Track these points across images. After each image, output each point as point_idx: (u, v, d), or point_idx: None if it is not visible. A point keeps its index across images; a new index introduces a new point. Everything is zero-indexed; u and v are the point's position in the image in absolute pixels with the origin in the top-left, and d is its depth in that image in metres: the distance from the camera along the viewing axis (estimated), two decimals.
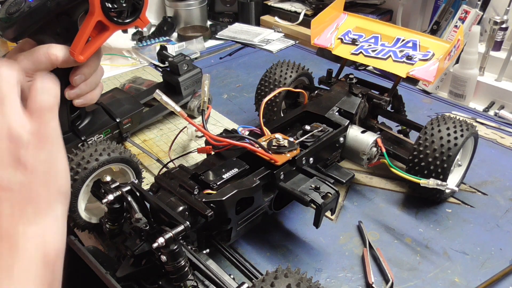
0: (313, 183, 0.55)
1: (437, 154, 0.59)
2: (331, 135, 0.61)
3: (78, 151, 0.53)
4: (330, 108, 0.66)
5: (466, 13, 0.98)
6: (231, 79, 1.05)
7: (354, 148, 0.64)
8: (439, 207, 0.65)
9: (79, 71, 0.52)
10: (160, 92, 0.51)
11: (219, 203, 0.48)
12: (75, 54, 0.49)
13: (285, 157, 0.55)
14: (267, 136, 0.59)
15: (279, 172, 0.54)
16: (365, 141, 0.63)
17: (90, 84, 0.55)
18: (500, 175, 0.71)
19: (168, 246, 0.40)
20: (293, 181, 0.56)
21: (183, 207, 0.47)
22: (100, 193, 0.50)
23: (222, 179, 0.51)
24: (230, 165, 0.54)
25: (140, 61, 1.13)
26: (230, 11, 1.41)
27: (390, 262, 0.56)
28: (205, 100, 0.57)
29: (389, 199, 0.67)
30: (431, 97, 0.96)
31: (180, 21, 1.31)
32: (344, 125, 0.63)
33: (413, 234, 0.61)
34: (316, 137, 0.60)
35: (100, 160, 0.52)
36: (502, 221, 0.63)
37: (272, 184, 0.55)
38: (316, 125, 0.63)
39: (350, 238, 0.60)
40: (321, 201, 0.52)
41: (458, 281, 0.54)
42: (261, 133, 0.60)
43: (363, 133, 0.64)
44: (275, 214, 0.62)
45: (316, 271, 0.56)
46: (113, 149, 0.55)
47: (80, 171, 0.51)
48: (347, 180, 0.61)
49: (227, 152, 0.57)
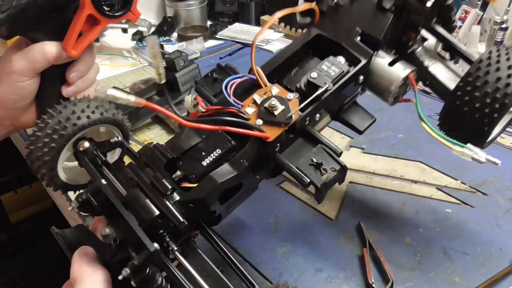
0: (316, 156, 0.43)
1: (489, 96, 0.43)
2: (347, 79, 0.47)
3: (68, 103, 0.47)
4: (350, 31, 0.49)
5: (466, 13, 0.99)
6: None
7: (378, 83, 0.50)
8: (439, 207, 0.65)
9: (74, 68, 0.52)
10: (102, 88, 0.37)
11: (199, 201, 0.41)
12: (67, 49, 0.49)
13: (278, 130, 0.43)
14: (263, 89, 0.46)
15: (274, 145, 0.44)
16: (394, 76, 0.48)
17: (87, 81, 0.55)
18: (500, 175, 0.71)
19: (135, 275, 0.35)
20: (292, 149, 0.45)
21: (154, 216, 0.38)
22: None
23: (201, 167, 0.42)
24: (211, 143, 0.44)
25: (140, 61, 1.13)
26: (230, 11, 1.41)
27: (390, 262, 0.56)
28: (160, 72, 0.44)
29: (389, 199, 0.67)
30: (431, 97, 0.96)
31: (180, 21, 1.31)
32: (365, 62, 0.48)
33: (413, 234, 0.61)
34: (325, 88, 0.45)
35: (92, 119, 0.46)
36: (502, 221, 0.63)
37: (265, 157, 0.45)
38: (330, 61, 0.47)
39: (350, 238, 0.60)
40: (321, 182, 0.42)
41: (458, 281, 0.54)
42: (257, 82, 0.47)
43: (391, 65, 0.49)
44: (275, 214, 0.62)
45: (316, 271, 0.56)
46: (106, 108, 0.48)
47: (68, 127, 0.45)
48: (365, 127, 0.50)
49: (212, 122, 0.45)
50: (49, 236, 0.43)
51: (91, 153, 0.45)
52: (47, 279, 1.13)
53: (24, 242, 1.39)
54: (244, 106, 0.44)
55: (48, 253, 1.19)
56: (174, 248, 0.38)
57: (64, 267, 0.38)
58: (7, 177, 1.38)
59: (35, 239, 1.34)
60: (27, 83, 0.51)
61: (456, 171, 0.72)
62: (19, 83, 0.51)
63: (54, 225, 0.43)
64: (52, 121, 0.44)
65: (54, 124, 0.44)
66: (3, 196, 1.37)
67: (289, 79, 0.49)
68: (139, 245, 0.35)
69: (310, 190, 0.69)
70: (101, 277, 0.36)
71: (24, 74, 0.50)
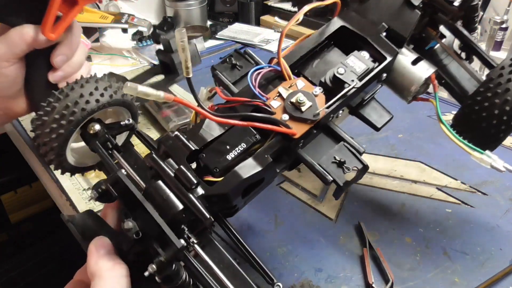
0: (338, 153, 0.43)
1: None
2: (372, 76, 0.45)
3: (75, 84, 0.44)
4: (376, 24, 0.48)
5: None
6: None
7: (399, 81, 0.49)
8: (439, 207, 0.65)
9: (58, 51, 0.50)
10: (133, 84, 0.36)
11: (222, 196, 0.40)
12: (45, 32, 0.47)
13: (305, 127, 0.43)
14: (288, 82, 0.45)
15: (298, 141, 0.43)
16: (417, 76, 0.47)
17: (74, 65, 0.53)
18: (500, 175, 0.71)
19: (162, 272, 0.34)
20: (313, 145, 0.45)
21: (178, 210, 0.37)
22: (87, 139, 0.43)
23: (226, 161, 0.42)
24: (236, 137, 0.43)
25: (140, 61, 1.13)
26: (230, 11, 1.41)
27: (390, 262, 0.56)
28: (188, 65, 0.41)
29: (389, 199, 0.67)
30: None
31: (180, 21, 1.31)
32: (390, 59, 0.47)
33: (413, 234, 0.61)
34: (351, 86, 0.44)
35: (101, 102, 0.44)
36: (502, 221, 0.63)
37: (288, 152, 0.45)
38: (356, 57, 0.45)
39: (350, 238, 0.60)
40: (344, 181, 0.42)
41: (458, 281, 0.54)
42: (282, 73, 0.46)
43: (414, 64, 0.48)
44: (275, 214, 0.62)
45: (316, 271, 0.56)
46: (115, 89, 0.46)
47: (77, 112, 0.42)
48: (383, 124, 0.49)
49: (231, 112, 0.45)
50: (49, 236, 0.43)
51: (102, 136, 0.43)
52: (47, 279, 1.13)
53: (24, 242, 1.38)
54: (269, 99, 0.43)
55: (48, 253, 1.19)
56: (194, 241, 0.37)
57: (64, 267, 0.38)
58: (7, 177, 1.38)
59: (35, 239, 1.33)
60: (10, 69, 0.50)
61: (456, 171, 0.72)
62: (1, 69, 0.49)
63: (54, 225, 0.42)
64: (59, 105, 0.42)
65: (62, 108, 0.42)
66: (3, 196, 1.37)
67: (310, 70, 0.48)
68: (162, 240, 0.35)
69: (310, 190, 0.69)
70: (120, 272, 0.35)
71: (5, 59, 0.49)
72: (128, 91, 0.35)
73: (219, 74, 0.49)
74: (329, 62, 0.47)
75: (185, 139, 0.41)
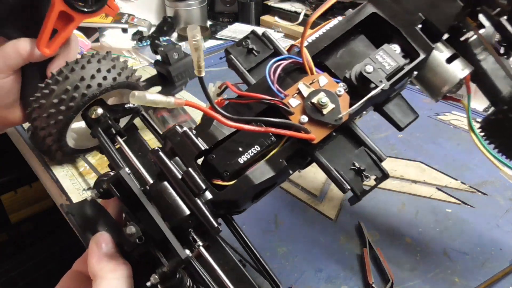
0: (358, 159, 0.40)
1: None
2: (402, 75, 0.41)
3: (75, 65, 0.40)
4: (412, 14, 0.41)
5: None
6: (231, 79, 1.04)
7: (431, 80, 0.44)
8: (439, 207, 0.65)
9: (55, 64, 0.50)
10: (140, 93, 0.33)
11: (232, 202, 0.38)
12: (40, 48, 0.47)
13: (325, 131, 0.39)
14: (310, 77, 0.40)
15: (316, 146, 0.40)
16: (451, 75, 0.43)
17: None
18: (500, 175, 0.71)
19: (165, 283, 0.33)
20: (331, 147, 0.41)
21: (185, 216, 0.35)
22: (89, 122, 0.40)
23: (237, 164, 0.38)
24: (249, 137, 0.39)
25: (140, 61, 1.13)
26: (230, 11, 1.41)
27: (390, 262, 0.56)
28: (201, 64, 0.37)
29: (389, 199, 0.67)
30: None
31: (180, 21, 1.31)
32: (424, 57, 0.41)
33: (413, 234, 0.61)
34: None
35: (104, 86, 0.40)
36: (502, 221, 0.63)
37: (303, 154, 0.41)
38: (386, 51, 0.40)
39: (350, 238, 0.60)
40: (362, 190, 0.39)
41: (458, 281, 0.54)
42: (303, 66, 0.41)
43: (449, 62, 0.43)
44: (275, 214, 0.62)
45: (316, 271, 0.56)
46: (119, 70, 0.42)
47: (77, 97, 0.39)
48: (407, 124, 0.46)
49: (245, 109, 0.41)
50: (49, 236, 0.42)
51: (104, 122, 0.41)
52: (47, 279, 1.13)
53: (24, 242, 1.38)
54: (288, 97, 0.39)
55: (48, 253, 1.19)
56: (200, 244, 0.36)
57: (64, 267, 0.38)
58: (7, 177, 1.38)
59: (35, 239, 1.33)
60: (5, 81, 0.50)
61: (456, 171, 0.72)
62: None
63: (54, 225, 0.42)
64: (57, 88, 0.39)
65: (61, 92, 0.39)
66: (3, 196, 1.37)
67: (334, 61, 0.43)
68: (165, 246, 0.34)
69: (310, 190, 0.69)
70: (123, 274, 0.34)
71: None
72: (136, 101, 0.33)
73: (233, 59, 0.45)
74: (355, 53, 0.43)
75: (194, 136, 0.38)
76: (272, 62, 0.40)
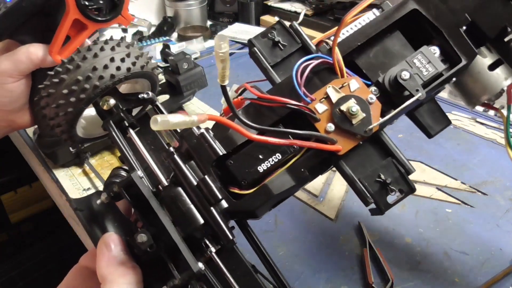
0: (384, 171, 0.37)
1: None
2: (440, 82, 0.38)
3: (87, 53, 0.38)
4: (457, 15, 0.38)
5: None
6: (231, 79, 1.04)
7: (470, 86, 0.41)
8: (439, 207, 0.65)
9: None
10: (163, 117, 0.30)
11: (249, 213, 0.36)
12: (52, 54, 0.47)
13: (353, 142, 0.36)
14: (340, 81, 0.36)
15: (341, 156, 0.37)
16: (492, 84, 0.40)
17: None
18: (500, 175, 0.71)
19: None
20: (357, 156, 0.37)
21: (198, 225, 0.33)
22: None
23: (257, 173, 0.36)
24: (271, 145, 0.36)
25: None
26: (230, 11, 1.41)
27: (390, 262, 0.56)
28: (227, 73, 0.35)
29: None
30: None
31: (180, 21, 1.31)
32: (466, 63, 0.38)
33: (413, 234, 0.61)
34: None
35: (117, 77, 0.37)
36: (502, 221, 0.63)
37: (326, 163, 0.38)
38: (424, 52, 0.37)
39: (350, 238, 0.60)
40: (386, 204, 0.37)
41: (458, 281, 0.54)
42: (333, 66, 0.37)
43: (491, 69, 0.40)
44: (275, 214, 0.62)
45: (316, 271, 0.56)
46: (134, 59, 0.39)
47: (89, 89, 0.37)
48: (437, 131, 0.42)
49: (268, 111, 0.38)
50: (49, 236, 0.42)
51: (117, 114, 0.38)
52: (47, 279, 1.13)
53: (24, 242, 1.38)
54: (315, 101, 0.36)
55: (48, 253, 1.19)
56: (212, 251, 0.34)
57: (64, 267, 0.38)
58: (7, 177, 1.38)
59: (35, 239, 1.33)
60: (15, 85, 0.51)
61: (456, 171, 0.72)
62: (6, 84, 0.50)
63: (54, 225, 0.42)
64: (68, 77, 0.37)
65: (71, 83, 0.37)
66: (3, 196, 1.37)
67: (366, 61, 0.39)
68: (177, 255, 0.32)
69: (310, 190, 0.69)
70: (133, 279, 0.33)
71: (9, 75, 0.50)
72: (159, 128, 0.30)
73: (257, 52, 0.40)
74: (390, 53, 0.39)
75: (212, 140, 0.35)
76: (300, 62, 0.37)
